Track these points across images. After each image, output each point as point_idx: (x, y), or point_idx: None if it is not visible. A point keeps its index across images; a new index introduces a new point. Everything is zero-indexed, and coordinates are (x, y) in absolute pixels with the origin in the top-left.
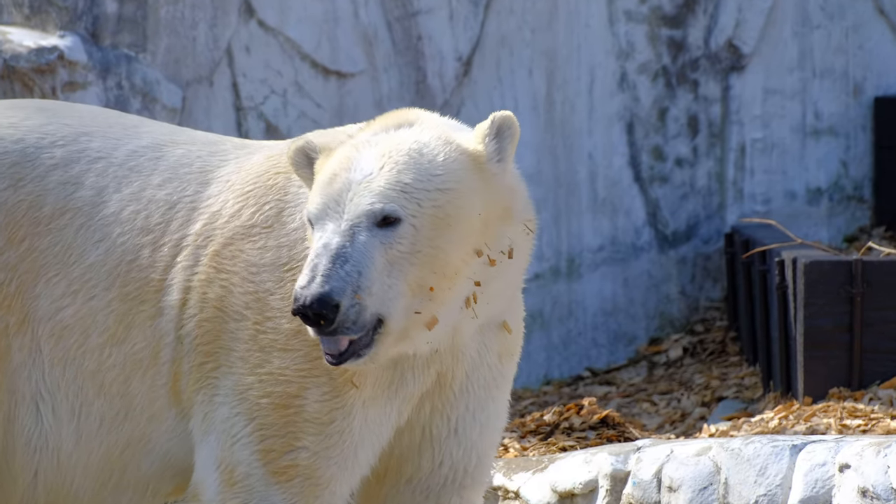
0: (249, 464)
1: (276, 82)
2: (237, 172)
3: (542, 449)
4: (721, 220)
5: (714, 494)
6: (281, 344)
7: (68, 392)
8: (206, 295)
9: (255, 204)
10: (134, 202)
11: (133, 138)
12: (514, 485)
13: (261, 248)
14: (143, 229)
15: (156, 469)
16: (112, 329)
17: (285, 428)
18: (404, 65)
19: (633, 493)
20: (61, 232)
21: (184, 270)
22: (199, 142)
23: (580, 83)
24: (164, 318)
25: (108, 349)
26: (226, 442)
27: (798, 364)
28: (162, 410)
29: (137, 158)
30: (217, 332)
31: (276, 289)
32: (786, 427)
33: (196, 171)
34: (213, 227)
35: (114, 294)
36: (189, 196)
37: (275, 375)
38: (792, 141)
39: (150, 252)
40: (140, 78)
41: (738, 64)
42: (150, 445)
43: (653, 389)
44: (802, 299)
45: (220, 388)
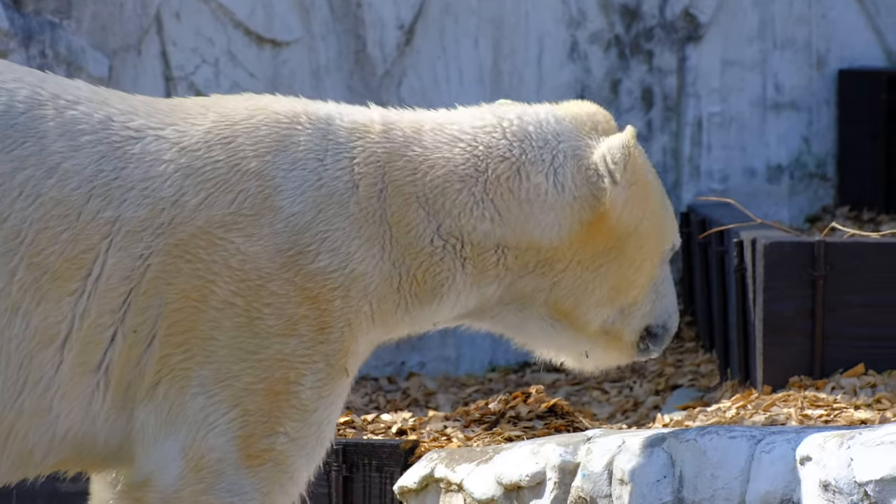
0: (225, 450)
1: (208, 51)
2: (185, 153)
3: (486, 439)
4: (677, 198)
5: (668, 488)
6: (281, 329)
7: None
8: (174, 286)
9: (231, 191)
10: (32, 167)
11: (4, 90)
12: (456, 476)
13: (248, 235)
14: (52, 199)
15: (46, 443)
16: (14, 297)
17: (270, 413)
18: (343, 33)
19: (582, 485)
20: None
21: (125, 257)
22: (92, 99)
23: (528, 53)
24: (91, 301)
25: (8, 317)
26: (199, 431)
27: (757, 351)
28: (82, 391)
29: (17, 116)
30: (191, 322)
31: (278, 274)
32: (744, 417)
33: (107, 141)
34: (172, 216)
35: (16, 262)
36: (108, 172)
37: (273, 360)
38: (751, 115)
39: (66, 226)
40: (64, 46)
41: (695, 34)
42: (47, 420)
43: (603, 377)
44: (762, 283)
45: (195, 379)
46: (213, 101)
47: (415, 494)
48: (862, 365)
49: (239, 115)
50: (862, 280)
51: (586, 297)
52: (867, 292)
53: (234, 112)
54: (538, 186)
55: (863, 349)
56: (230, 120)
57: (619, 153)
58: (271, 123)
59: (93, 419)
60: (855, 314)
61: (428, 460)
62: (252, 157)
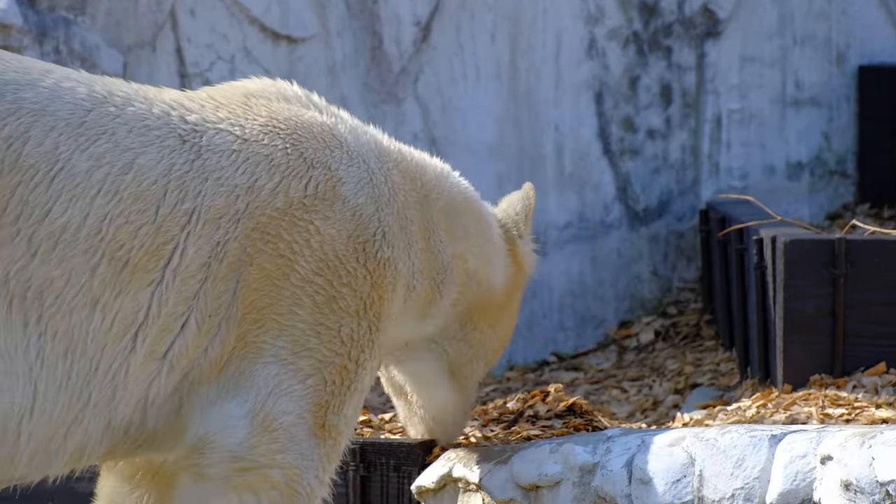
0: (299, 415)
1: (223, 47)
2: (249, 143)
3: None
4: (695, 195)
5: (688, 487)
6: (356, 309)
7: (28, 354)
8: (254, 267)
9: (304, 178)
10: (108, 164)
11: (63, 89)
12: (474, 476)
13: (325, 218)
14: (131, 195)
15: (101, 432)
16: (95, 292)
17: (341, 389)
18: (359, 29)
19: (601, 485)
20: (13, 190)
21: (203, 245)
22: (141, 95)
23: (546, 50)
24: (169, 291)
25: (87, 311)
26: (270, 396)
27: (777, 349)
28: (144, 378)
29: (85, 114)
30: (270, 299)
31: (353, 257)
32: (764, 416)
33: (174, 135)
34: (247, 202)
35: (97, 257)
36: (180, 165)
37: (348, 339)
38: (771, 112)
39: (145, 220)
40: (79, 42)
41: (714, 30)
42: (108, 409)
43: (623, 376)
44: (782, 280)
45: (269, 350)
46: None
47: (432, 494)
48: (883, 363)
49: (299, 119)
50: (883, 278)
51: (483, 353)
52: (888, 290)
53: (287, 112)
54: (494, 230)
55: (884, 347)
56: (283, 116)
57: (520, 205)
58: (317, 123)
59: (145, 405)
60: (876, 312)
61: (446, 460)
62: (315, 149)
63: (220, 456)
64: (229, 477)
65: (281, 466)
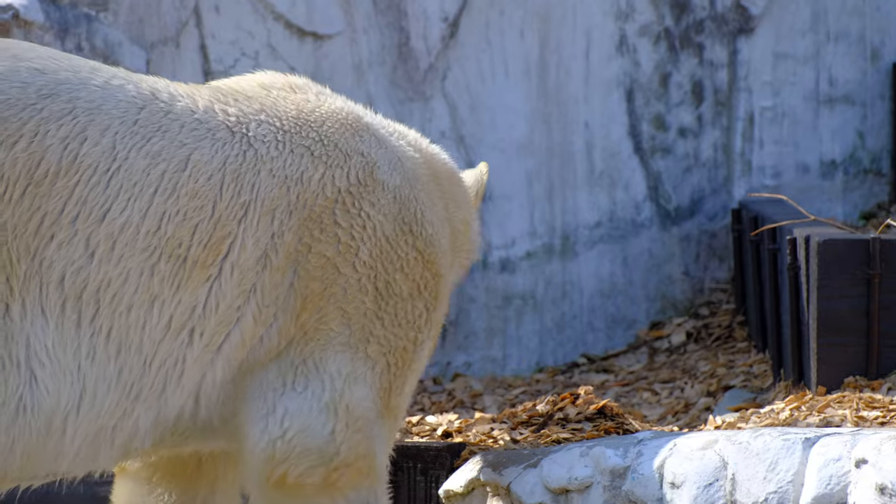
0: (372, 399)
1: (248, 44)
2: (288, 134)
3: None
4: (728, 194)
5: (720, 491)
6: (410, 291)
7: (78, 353)
8: (314, 255)
9: (344, 166)
10: (164, 161)
11: (113, 87)
12: (504, 480)
13: (372, 203)
14: (189, 192)
15: (150, 427)
16: (154, 289)
17: (402, 371)
18: (386, 26)
19: (632, 488)
20: (71, 191)
21: (261, 237)
22: (180, 90)
23: (576, 46)
24: (227, 284)
25: (145, 308)
26: (344, 384)
27: (811, 351)
28: (198, 371)
29: (138, 112)
30: (332, 287)
31: (402, 239)
32: (798, 419)
33: (223, 128)
34: (298, 192)
35: (156, 256)
36: (233, 158)
37: (406, 321)
38: (804, 109)
39: (203, 216)
40: (101, 39)
41: (747, 26)
42: (158, 403)
43: (654, 377)
44: (816, 281)
45: (338, 337)
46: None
47: (460, 498)
48: None
49: (327, 106)
50: None
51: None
52: None
53: (319, 102)
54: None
55: None
56: (310, 108)
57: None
58: (341, 111)
59: (197, 398)
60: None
61: (474, 463)
62: (346, 138)
63: (312, 461)
64: (327, 480)
65: (366, 456)
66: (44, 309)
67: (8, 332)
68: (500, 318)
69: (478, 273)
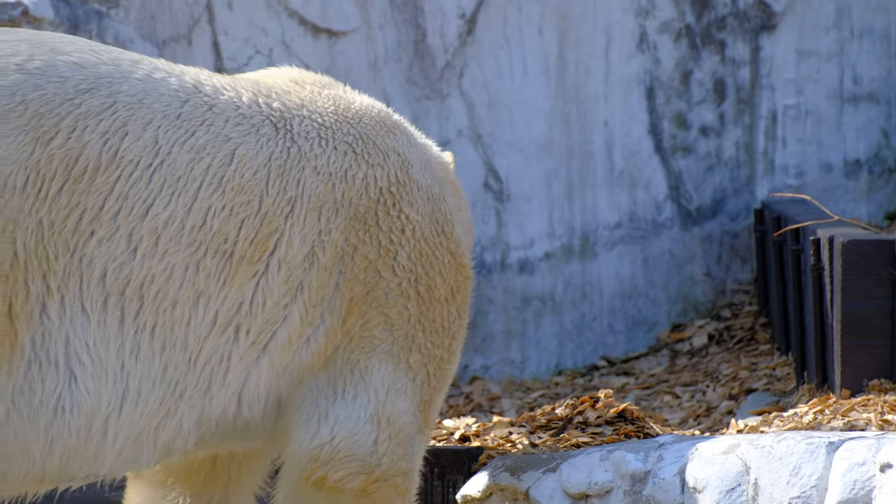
0: (413, 413)
1: (262, 41)
2: (329, 130)
3: (553, 445)
4: (750, 194)
5: (743, 496)
6: (446, 295)
7: (122, 351)
8: (358, 257)
9: (384, 165)
10: (208, 156)
11: (155, 80)
12: (522, 485)
13: (410, 204)
14: (234, 187)
15: (193, 427)
16: (199, 285)
17: (438, 381)
18: (402, 22)
19: (653, 493)
20: (112, 187)
21: (308, 234)
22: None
23: (595, 44)
24: (273, 282)
25: (190, 304)
26: (388, 396)
27: (835, 353)
28: (243, 370)
29: (181, 106)
30: (378, 289)
31: (437, 241)
32: (821, 422)
33: (267, 123)
34: (344, 190)
35: (202, 251)
36: (278, 154)
37: (443, 327)
38: (828, 108)
39: (249, 212)
40: (112, 36)
41: (769, 23)
42: (202, 402)
43: (675, 381)
44: (840, 282)
45: (381, 344)
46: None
47: (478, 503)
48: None
49: (359, 103)
50: None
51: None
52: None
53: (352, 99)
54: None
55: None
56: (346, 103)
57: None
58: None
59: (240, 396)
60: None
61: (492, 468)
62: (382, 135)
63: (354, 467)
64: (366, 490)
65: (403, 473)
66: (84, 306)
67: (45, 330)
68: (518, 319)
69: (496, 274)
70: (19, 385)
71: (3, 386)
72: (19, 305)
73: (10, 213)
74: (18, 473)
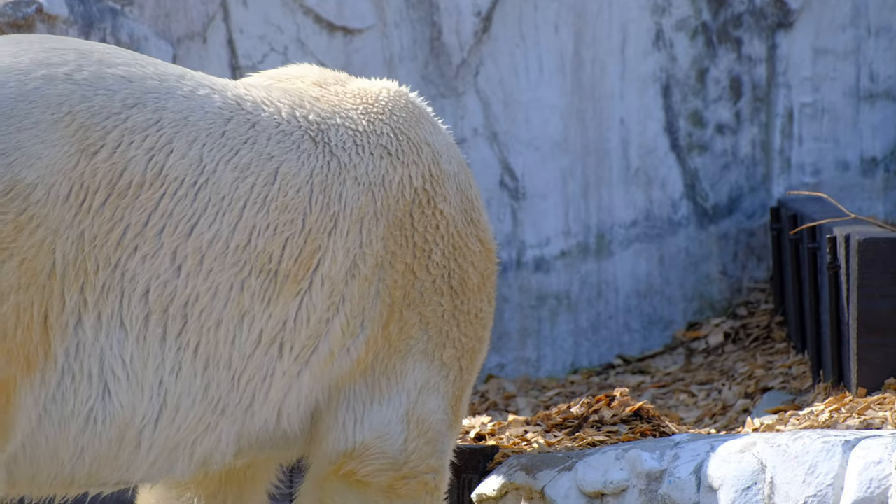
0: (444, 411)
1: (277, 39)
2: (364, 135)
3: (568, 444)
4: (766, 192)
5: (759, 495)
6: (478, 285)
7: (161, 368)
8: (396, 262)
9: (418, 163)
10: (252, 175)
11: (199, 97)
12: (538, 483)
13: (443, 198)
14: (279, 205)
15: (233, 441)
16: (244, 304)
17: (469, 375)
18: (417, 20)
19: (669, 492)
20: (157, 203)
21: (351, 247)
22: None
23: (611, 41)
24: (317, 297)
25: (234, 323)
26: (420, 395)
27: (851, 352)
28: (285, 385)
29: (225, 123)
30: (413, 293)
31: (468, 231)
32: (837, 421)
33: (307, 138)
34: (382, 198)
35: (247, 270)
36: (319, 169)
37: (475, 317)
38: (844, 105)
39: (294, 230)
40: (126, 34)
41: (786, 20)
42: (243, 417)
43: (691, 379)
44: (856, 280)
45: (416, 344)
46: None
47: (494, 502)
48: None
49: (384, 94)
50: None
51: None
52: None
53: (377, 92)
54: None
55: None
56: (372, 97)
57: None
58: (400, 95)
59: (280, 409)
60: None
61: (507, 467)
62: (412, 126)
63: (382, 464)
64: (393, 486)
65: (433, 470)
66: (123, 321)
67: (80, 342)
68: (534, 318)
69: (511, 272)
70: (51, 394)
71: (37, 393)
72: (54, 316)
73: (52, 223)
74: (47, 476)
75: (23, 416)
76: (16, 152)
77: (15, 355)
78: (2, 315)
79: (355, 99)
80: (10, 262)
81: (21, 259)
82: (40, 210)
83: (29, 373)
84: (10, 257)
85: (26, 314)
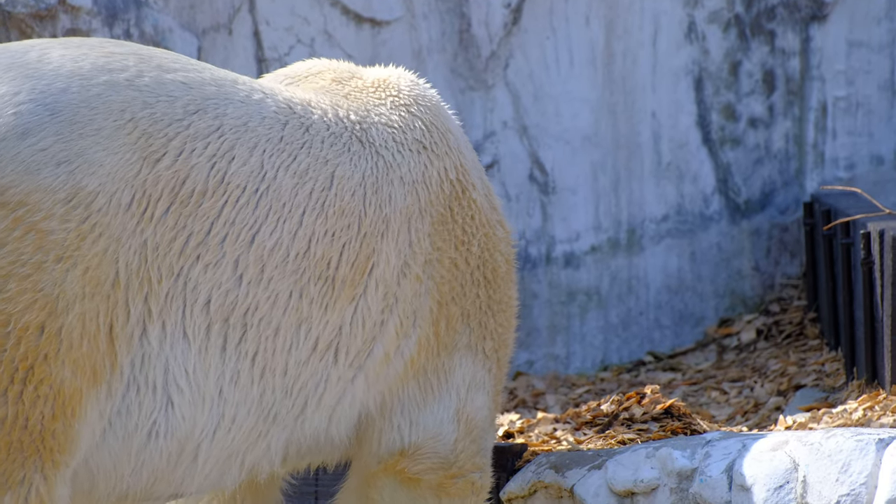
0: (489, 407)
1: (303, 30)
2: (401, 131)
3: (598, 442)
4: (799, 187)
5: (791, 493)
6: (506, 272)
7: (221, 378)
8: (443, 258)
9: (448, 155)
10: (311, 181)
11: (255, 102)
12: (567, 482)
13: (472, 186)
14: (336, 210)
15: (282, 449)
16: (303, 312)
17: (506, 363)
18: (446, 11)
19: (700, 491)
20: (219, 212)
21: (402, 248)
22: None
23: (643, 33)
24: (372, 301)
25: (293, 331)
26: (468, 392)
27: (885, 349)
28: (339, 390)
29: (282, 129)
30: (458, 288)
31: (492, 218)
32: (871, 419)
33: (356, 139)
34: (425, 195)
35: (306, 278)
36: (370, 171)
37: (507, 305)
38: (879, 99)
39: (350, 235)
40: (151, 25)
41: (820, 13)
42: (295, 425)
43: (722, 376)
44: (891, 276)
45: (461, 338)
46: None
47: (522, 500)
48: None
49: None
50: None
51: None
52: None
53: (396, 83)
54: None
55: None
56: (394, 89)
57: None
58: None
59: (332, 415)
60: None
61: (536, 465)
62: (436, 114)
63: (434, 463)
64: (442, 484)
65: (479, 469)
66: (186, 332)
67: (145, 354)
68: (563, 314)
69: (541, 268)
70: (117, 407)
71: (103, 406)
72: (119, 327)
73: (115, 231)
74: (104, 491)
75: (87, 430)
76: (78, 159)
77: (81, 366)
78: (68, 325)
79: (379, 93)
80: (75, 271)
81: (85, 268)
82: (102, 218)
83: (95, 385)
84: (73, 266)
85: (92, 324)
